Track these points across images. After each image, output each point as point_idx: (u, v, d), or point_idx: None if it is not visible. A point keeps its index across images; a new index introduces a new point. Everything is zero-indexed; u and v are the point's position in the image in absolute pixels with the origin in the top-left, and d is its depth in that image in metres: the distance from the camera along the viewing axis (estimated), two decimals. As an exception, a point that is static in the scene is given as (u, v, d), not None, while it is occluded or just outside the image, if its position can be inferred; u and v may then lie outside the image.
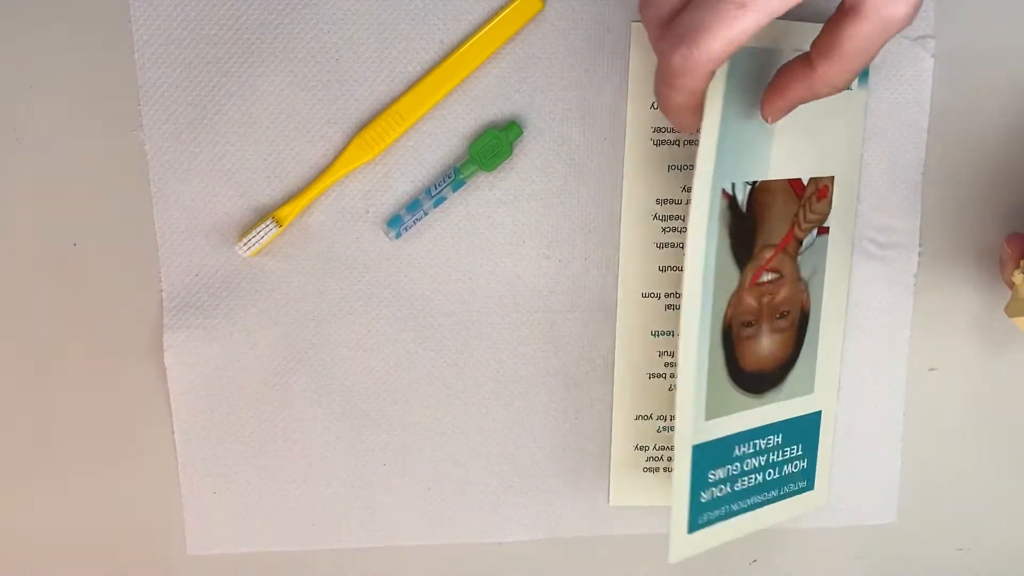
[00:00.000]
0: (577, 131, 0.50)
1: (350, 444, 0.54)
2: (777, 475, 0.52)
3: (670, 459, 0.55)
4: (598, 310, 0.53)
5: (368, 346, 0.52)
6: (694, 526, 0.49)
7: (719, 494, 0.49)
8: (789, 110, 0.42)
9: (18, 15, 0.47)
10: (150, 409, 0.53)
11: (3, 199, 0.49)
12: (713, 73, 0.37)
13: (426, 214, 0.50)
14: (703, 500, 0.49)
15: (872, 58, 0.37)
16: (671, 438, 0.54)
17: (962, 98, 0.51)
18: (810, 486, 0.54)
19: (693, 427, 0.47)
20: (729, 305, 0.47)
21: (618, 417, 0.54)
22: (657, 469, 0.55)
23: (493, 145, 0.49)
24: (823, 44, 0.38)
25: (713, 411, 0.48)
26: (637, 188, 0.51)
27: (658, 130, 0.50)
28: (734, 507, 0.50)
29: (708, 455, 0.48)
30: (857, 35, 0.36)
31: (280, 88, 0.49)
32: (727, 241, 0.46)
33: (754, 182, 0.47)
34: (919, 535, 0.58)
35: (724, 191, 0.45)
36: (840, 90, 0.39)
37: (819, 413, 0.53)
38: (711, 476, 0.49)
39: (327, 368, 0.53)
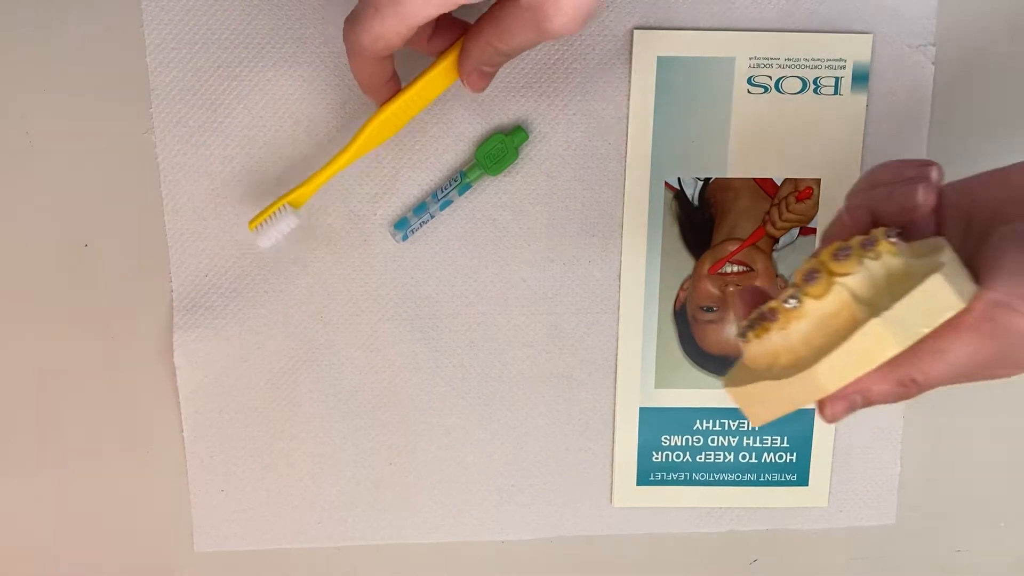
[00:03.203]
0: (581, 136, 0.51)
1: (356, 443, 0.54)
2: (755, 460, 0.55)
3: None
4: (601, 312, 0.53)
5: (374, 347, 0.53)
6: (644, 480, 0.55)
7: (676, 459, 0.55)
8: (481, 75, 0.44)
9: (31, 18, 0.48)
10: (159, 408, 0.53)
11: (16, 200, 0.50)
12: (383, 62, 0.42)
13: (432, 217, 0.51)
14: (655, 460, 0.55)
15: (530, 38, 0.40)
16: (673, 439, 0.56)
17: (962, 105, 0.52)
18: (803, 482, 0.56)
19: (640, 390, 0.53)
20: (682, 288, 0.53)
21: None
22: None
23: (499, 149, 0.50)
24: (490, 11, 0.41)
25: (664, 381, 0.54)
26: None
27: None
28: (697, 476, 0.55)
29: (660, 419, 0.54)
30: (514, 15, 0.40)
31: (289, 92, 0.49)
32: (675, 230, 0.52)
33: (707, 178, 0.50)
34: (918, 537, 0.58)
35: (668, 184, 0.51)
36: (508, 56, 0.42)
37: (812, 411, 0.54)
38: (664, 440, 0.55)
39: (334, 368, 0.53)
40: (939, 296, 0.32)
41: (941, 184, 0.38)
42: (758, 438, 0.55)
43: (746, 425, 0.55)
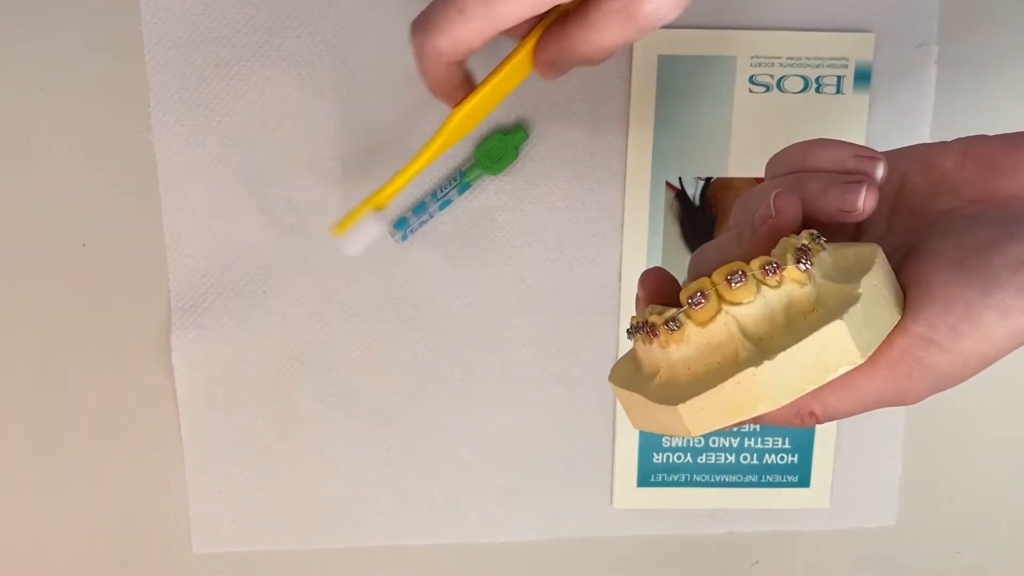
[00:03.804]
0: (581, 135, 0.51)
1: (355, 444, 0.54)
2: (756, 461, 0.55)
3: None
4: (601, 312, 0.53)
5: (373, 347, 0.53)
6: (644, 481, 0.55)
7: (677, 460, 0.55)
8: (554, 68, 0.39)
9: (29, 18, 0.48)
10: (157, 408, 0.53)
11: (14, 200, 0.50)
12: (458, 64, 0.38)
13: (432, 217, 0.51)
14: (655, 461, 0.55)
15: (617, 40, 0.36)
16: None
17: (964, 104, 0.52)
18: (804, 483, 0.56)
19: None
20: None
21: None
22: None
23: (499, 149, 0.50)
24: (579, 6, 0.36)
25: None
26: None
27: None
28: (697, 477, 0.55)
29: None
30: (604, 10, 0.35)
31: (288, 91, 0.49)
32: (676, 230, 0.51)
33: (708, 177, 0.50)
34: (919, 538, 0.58)
35: (669, 183, 0.50)
36: (587, 58, 0.37)
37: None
38: (665, 441, 0.54)
39: (332, 369, 0.53)
40: (836, 348, 0.28)
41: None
42: (759, 439, 0.55)
43: (748, 426, 0.55)
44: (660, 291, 0.32)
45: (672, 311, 0.31)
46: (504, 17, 0.34)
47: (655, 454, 0.55)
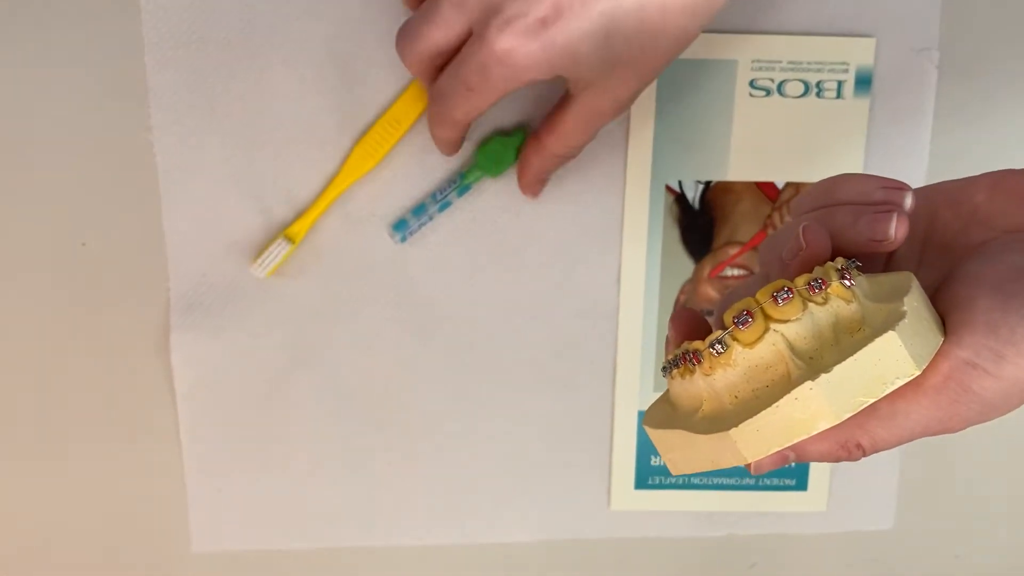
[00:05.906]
0: (582, 138, 0.51)
1: (353, 444, 0.54)
2: None
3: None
4: (600, 316, 0.53)
5: (372, 349, 0.53)
6: (642, 484, 0.55)
7: None
8: (540, 182, 0.49)
9: (29, 17, 0.48)
10: (156, 408, 0.53)
11: (14, 199, 0.50)
12: (464, 126, 0.45)
13: (431, 219, 0.51)
14: (653, 463, 0.55)
15: (589, 135, 0.45)
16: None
17: (965, 109, 0.52)
18: (801, 486, 0.56)
19: (639, 393, 0.54)
20: (682, 291, 0.52)
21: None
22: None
23: (499, 151, 0.50)
24: (547, 122, 0.46)
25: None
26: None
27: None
28: (695, 480, 0.56)
29: None
30: (572, 116, 0.44)
31: (288, 92, 0.49)
32: (676, 233, 0.52)
33: (708, 181, 0.50)
34: (916, 541, 0.58)
35: (669, 187, 0.51)
36: (567, 158, 0.47)
37: None
38: None
39: (331, 370, 0.53)
40: (891, 360, 0.28)
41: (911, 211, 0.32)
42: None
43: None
44: (692, 332, 0.32)
45: (717, 333, 0.30)
46: (502, 88, 0.40)
47: (653, 457, 0.55)
